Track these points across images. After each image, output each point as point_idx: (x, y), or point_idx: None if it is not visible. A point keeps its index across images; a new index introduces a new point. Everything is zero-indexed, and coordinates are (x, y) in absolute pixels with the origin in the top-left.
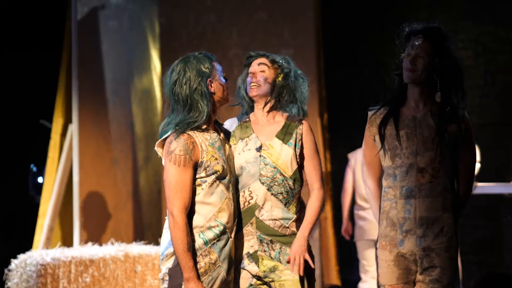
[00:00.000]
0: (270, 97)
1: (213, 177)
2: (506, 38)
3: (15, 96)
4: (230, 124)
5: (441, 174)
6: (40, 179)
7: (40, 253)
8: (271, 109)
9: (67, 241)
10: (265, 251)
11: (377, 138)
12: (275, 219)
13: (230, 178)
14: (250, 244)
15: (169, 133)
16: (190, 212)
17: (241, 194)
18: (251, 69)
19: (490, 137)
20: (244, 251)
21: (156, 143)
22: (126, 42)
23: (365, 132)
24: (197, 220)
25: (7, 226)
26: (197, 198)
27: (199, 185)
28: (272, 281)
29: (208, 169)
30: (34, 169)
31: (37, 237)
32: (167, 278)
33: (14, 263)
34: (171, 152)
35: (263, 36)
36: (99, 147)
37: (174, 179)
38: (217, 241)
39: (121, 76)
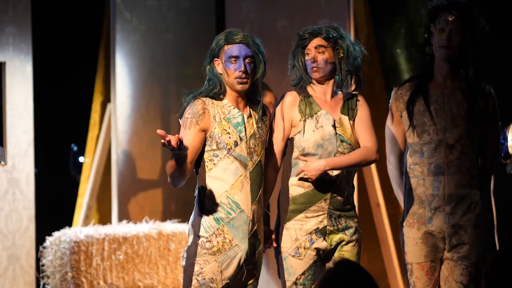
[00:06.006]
0: (333, 75)
1: (225, 151)
2: None
3: (57, 76)
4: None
5: (469, 151)
6: (81, 159)
7: (74, 230)
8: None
9: (106, 220)
10: (333, 225)
11: (404, 114)
12: (344, 195)
13: (250, 157)
14: (319, 220)
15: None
16: (203, 188)
17: None
18: (310, 54)
19: None
20: (313, 227)
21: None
22: (165, 22)
23: (390, 107)
24: (209, 196)
25: (50, 205)
26: (210, 174)
27: (211, 160)
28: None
29: (219, 141)
30: (75, 148)
31: (77, 215)
32: (185, 256)
33: (48, 240)
34: (183, 116)
35: (303, 6)
36: (137, 127)
37: None
38: (231, 219)
39: (160, 57)
